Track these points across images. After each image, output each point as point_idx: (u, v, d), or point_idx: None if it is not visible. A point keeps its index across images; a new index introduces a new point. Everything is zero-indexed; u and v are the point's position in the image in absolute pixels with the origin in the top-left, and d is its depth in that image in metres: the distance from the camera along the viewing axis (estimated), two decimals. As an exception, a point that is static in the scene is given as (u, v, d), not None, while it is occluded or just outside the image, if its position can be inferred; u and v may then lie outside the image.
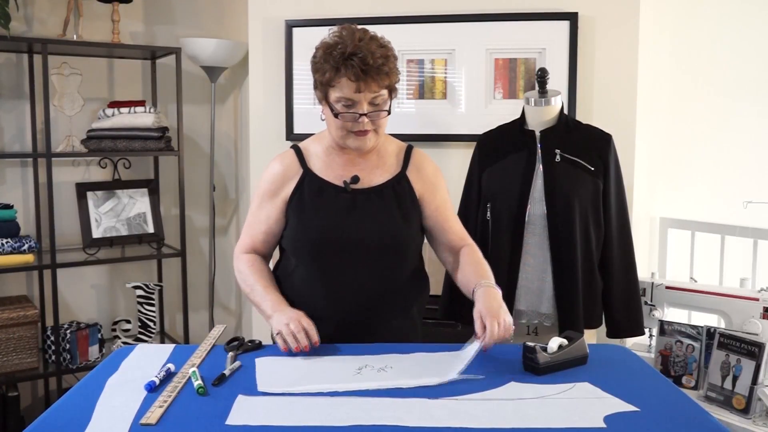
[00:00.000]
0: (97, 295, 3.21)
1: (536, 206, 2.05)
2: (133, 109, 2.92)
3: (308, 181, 1.72)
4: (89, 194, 3.02)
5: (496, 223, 2.09)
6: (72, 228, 3.04)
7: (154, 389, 1.32)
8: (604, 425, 1.18)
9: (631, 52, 2.54)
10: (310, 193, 1.70)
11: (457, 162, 2.47)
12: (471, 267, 1.68)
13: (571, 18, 2.53)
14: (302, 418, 1.19)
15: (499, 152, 2.13)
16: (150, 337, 3.08)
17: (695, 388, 2.15)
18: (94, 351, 2.94)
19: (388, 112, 1.66)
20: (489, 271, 1.67)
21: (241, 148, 3.45)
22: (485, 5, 2.61)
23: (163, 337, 3.25)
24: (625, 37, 2.54)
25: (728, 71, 3.04)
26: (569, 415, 1.22)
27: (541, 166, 2.05)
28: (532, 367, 1.44)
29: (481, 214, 2.13)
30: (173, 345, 1.62)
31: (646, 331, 2.37)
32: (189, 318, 3.17)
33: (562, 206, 2.02)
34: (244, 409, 1.23)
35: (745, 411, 1.95)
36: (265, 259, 1.78)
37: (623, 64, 2.55)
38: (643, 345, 2.43)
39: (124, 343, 3.02)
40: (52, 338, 2.86)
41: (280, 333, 1.53)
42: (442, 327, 2.37)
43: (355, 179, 1.70)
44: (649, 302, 2.33)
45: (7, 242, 2.69)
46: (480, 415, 1.21)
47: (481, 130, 2.25)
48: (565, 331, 1.56)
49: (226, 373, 1.40)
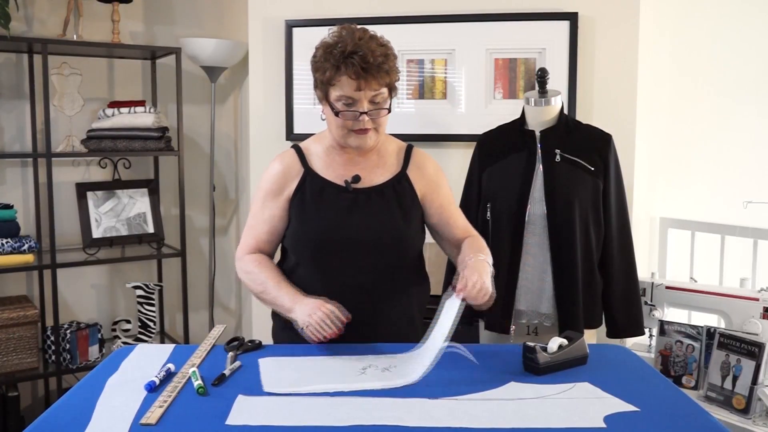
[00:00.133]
0: (97, 295, 3.21)
1: (536, 206, 2.04)
2: (133, 109, 2.92)
3: (310, 180, 1.72)
4: (89, 194, 3.02)
5: (496, 223, 2.09)
6: (72, 228, 3.04)
7: (154, 389, 1.32)
8: (604, 425, 1.18)
9: (631, 52, 2.54)
10: (311, 193, 1.70)
11: (457, 162, 2.47)
12: (471, 248, 1.67)
13: (571, 18, 2.53)
14: (302, 418, 1.19)
15: (499, 152, 2.13)
16: (150, 337, 3.08)
17: (695, 388, 2.16)
18: (94, 351, 2.94)
19: (389, 111, 1.66)
20: (488, 253, 1.67)
21: (241, 148, 3.45)
22: (485, 5, 2.61)
23: (163, 337, 3.25)
24: (625, 37, 2.54)
25: (728, 71, 3.04)
26: (569, 415, 1.22)
27: (541, 166, 2.05)
28: (532, 367, 1.44)
29: (481, 214, 2.12)
30: (173, 345, 1.62)
31: (646, 331, 2.37)
32: (189, 318, 3.17)
33: (562, 206, 2.02)
34: (244, 409, 1.23)
35: (745, 411, 1.95)
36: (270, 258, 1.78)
37: (623, 64, 2.55)
38: (643, 345, 2.43)
39: (124, 343, 3.02)
40: (52, 338, 2.86)
41: (307, 326, 1.53)
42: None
43: (356, 179, 1.70)
44: (649, 302, 2.33)
45: (7, 242, 2.69)
46: (480, 415, 1.21)
47: (481, 130, 2.25)
48: (565, 331, 1.56)
49: (226, 373, 1.40)
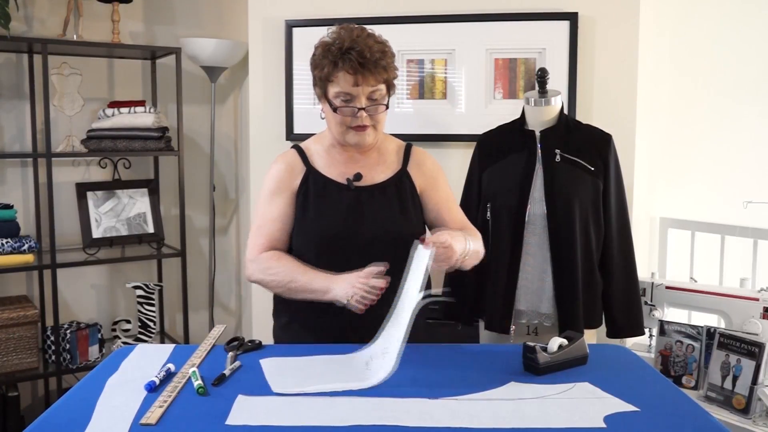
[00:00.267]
0: (97, 295, 3.21)
1: (536, 206, 2.04)
2: (133, 109, 2.92)
3: (312, 178, 1.73)
4: (89, 194, 3.02)
5: (496, 223, 2.09)
6: (72, 228, 3.04)
7: (154, 389, 1.32)
8: (604, 425, 1.18)
9: (631, 52, 2.54)
10: (314, 190, 1.71)
11: (457, 162, 2.47)
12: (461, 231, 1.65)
13: (571, 18, 2.53)
14: (302, 418, 1.19)
15: (499, 152, 2.13)
16: (150, 337, 3.08)
17: (695, 388, 2.15)
18: (94, 351, 2.94)
19: (386, 107, 1.68)
20: (476, 240, 1.67)
21: (241, 148, 3.45)
22: (485, 5, 2.61)
23: (163, 337, 3.25)
24: (625, 37, 2.54)
25: (728, 71, 3.04)
26: (569, 415, 1.22)
27: (541, 166, 2.05)
28: (532, 367, 1.44)
29: (481, 214, 2.12)
30: (173, 345, 1.62)
31: (646, 331, 2.37)
32: (189, 318, 3.17)
33: (562, 206, 2.02)
34: (244, 409, 1.23)
35: (745, 411, 1.95)
36: None
37: (623, 64, 2.55)
38: (643, 345, 2.43)
39: (124, 343, 3.02)
40: (52, 338, 2.86)
41: (352, 297, 1.51)
42: (442, 327, 2.37)
43: (358, 177, 1.71)
44: (649, 302, 2.33)
45: (7, 242, 2.69)
46: (480, 415, 1.21)
47: (481, 130, 2.25)
48: (565, 331, 1.56)
49: (226, 373, 1.40)
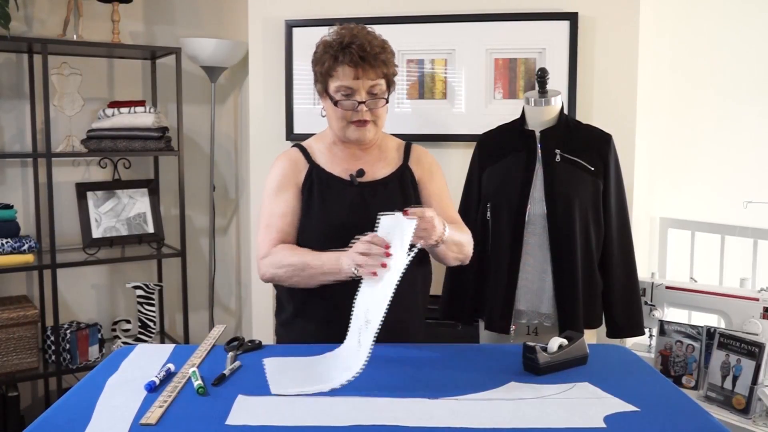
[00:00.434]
0: (97, 295, 3.21)
1: (536, 206, 2.04)
2: (133, 109, 2.92)
3: (316, 173, 1.74)
4: (89, 194, 3.02)
5: (496, 223, 2.09)
6: (72, 228, 3.04)
7: (154, 389, 1.32)
8: (604, 425, 1.18)
9: (631, 52, 2.54)
10: (318, 186, 1.72)
11: (457, 162, 2.47)
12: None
13: (571, 18, 2.53)
14: (302, 418, 1.19)
15: (499, 152, 2.13)
16: (150, 337, 3.07)
17: (695, 388, 2.15)
18: (94, 351, 2.94)
19: (386, 101, 1.70)
20: (464, 232, 1.69)
21: (241, 148, 3.45)
22: (485, 5, 2.61)
23: (163, 337, 3.25)
24: (625, 37, 2.54)
25: (728, 71, 3.04)
26: (569, 415, 1.22)
27: (541, 166, 2.05)
28: (532, 367, 1.44)
29: (481, 214, 2.12)
30: (173, 345, 1.62)
31: (646, 331, 2.37)
32: (189, 318, 3.16)
33: (562, 206, 2.02)
34: (244, 409, 1.23)
35: (745, 411, 1.95)
36: None
37: (623, 64, 2.55)
38: (643, 345, 2.43)
39: (124, 343, 3.02)
40: (52, 338, 2.86)
41: (361, 266, 1.48)
42: (442, 327, 2.37)
43: (361, 173, 1.72)
44: (649, 302, 2.33)
45: (7, 242, 2.69)
46: (480, 415, 1.21)
47: (481, 130, 2.25)
48: (565, 331, 1.56)
49: (226, 373, 1.40)
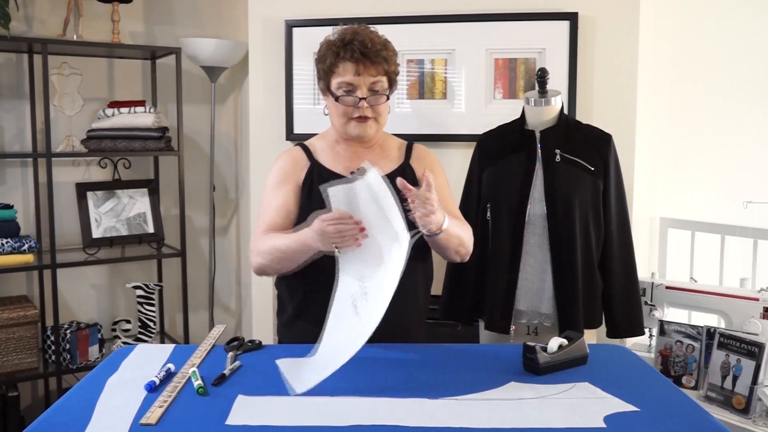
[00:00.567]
0: (97, 295, 3.21)
1: (536, 206, 2.04)
2: (133, 109, 2.92)
3: (317, 171, 1.75)
4: (89, 194, 3.02)
5: (496, 223, 2.09)
6: (72, 228, 3.04)
7: (154, 389, 1.32)
8: (604, 425, 1.18)
9: (631, 52, 2.54)
10: (319, 183, 1.72)
11: (457, 162, 2.47)
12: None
13: (571, 18, 2.53)
14: (302, 418, 1.19)
15: (499, 152, 2.13)
16: (150, 337, 3.08)
17: (695, 388, 2.15)
18: (94, 351, 2.94)
19: (387, 98, 1.71)
20: (465, 228, 1.70)
21: (241, 148, 3.45)
22: (485, 5, 2.61)
23: (163, 337, 3.25)
24: (625, 37, 2.54)
25: (728, 71, 3.04)
26: (569, 415, 1.22)
27: (541, 166, 2.05)
28: (532, 367, 1.44)
29: (481, 214, 2.12)
30: (173, 345, 1.62)
31: (646, 331, 2.37)
32: (189, 318, 3.16)
33: (562, 206, 2.02)
34: (244, 409, 1.23)
35: (745, 411, 1.95)
36: None
37: (623, 64, 2.55)
38: (643, 345, 2.43)
39: (124, 343, 3.02)
40: (52, 338, 2.86)
41: (335, 244, 1.48)
42: (442, 327, 2.37)
43: (362, 171, 1.72)
44: (649, 302, 2.33)
45: (7, 242, 2.69)
46: (480, 415, 1.21)
47: (481, 130, 2.25)
48: (565, 331, 1.57)
49: (226, 373, 1.40)
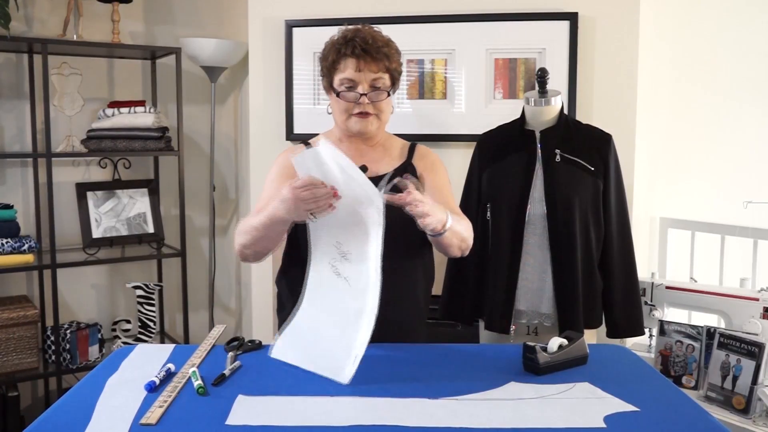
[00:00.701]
0: (97, 295, 3.21)
1: (536, 206, 2.04)
2: (133, 109, 2.92)
3: None
4: (89, 194, 3.02)
5: (496, 223, 2.09)
6: (72, 228, 3.04)
7: (154, 389, 1.32)
8: (604, 425, 1.18)
9: (631, 52, 2.54)
10: None
11: (457, 162, 2.47)
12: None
13: (571, 18, 2.53)
14: (302, 418, 1.19)
15: (499, 152, 2.13)
16: (150, 337, 3.08)
17: (695, 388, 2.15)
18: (94, 351, 2.94)
19: (388, 94, 1.71)
20: (465, 224, 1.67)
21: (241, 148, 3.45)
22: (485, 5, 2.61)
23: (163, 337, 3.25)
24: (625, 37, 2.54)
25: (728, 71, 3.04)
26: (569, 415, 1.22)
27: (541, 166, 2.05)
28: (532, 367, 1.44)
29: (481, 214, 2.12)
30: (173, 345, 1.62)
31: (646, 331, 2.37)
32: (189, 318, 3.17)
33: (562, 206, 2.02)
34: (244, 409, 1.23)
35: (745, 411, 1.95)
36: None
37: (623, 64, 2.55)
38: (643, 345, 2.43)
39: (124, 343, 3.02)
40: (52, 338, 2.86)
41: (310, 212, 1.44)
42: (442, 327, 2.37)
43: (364, 169, 1.73)
44: (649, 302, 2.33)
45: (7, 242, 2.69)
46: (480, 415, 1.21)
47: (481, 130, 2.25)
48: (565, 331, 1.56)
49: (226, 373, 1.40)
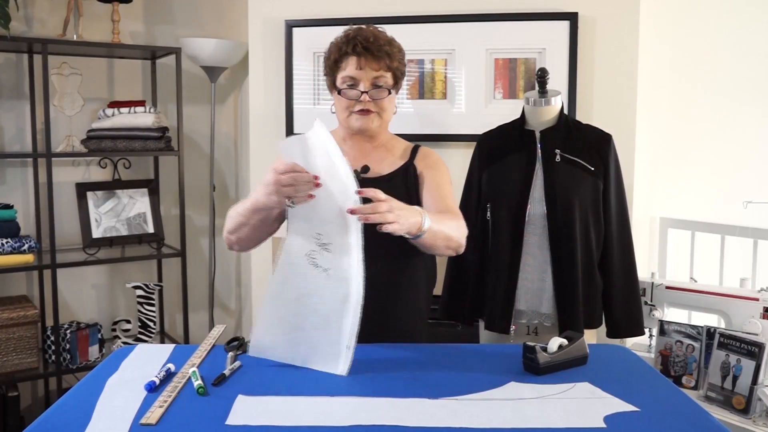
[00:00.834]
0: (97, 295, 3.21)
1: (536, 206, 2.04)
2: (133, 109, 2.93)
3: None
4: (89, 194, 3.02)
5: (496, 223, 2.09)
6: (72, 228, 3.04)
7: (154, 389, 1.31)
8: (604, 425, 1.18)
9: (631, 53, 2.54)
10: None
11: (457, 162, 2.47)
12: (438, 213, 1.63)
13: (571, 18, 2.53)
14: (302, 418, 1.19)
15: (499, 152, 2.13)
16: (150, 337, 3.08)
17: (695, 388, 2.16)
18: (94, 351, 2.94)
19: (389, 92, 1.71)
20: (458, 223, 1.65)
21: (241, 148, 3.45)
22: (485, 5, 2.61)
23: (163, 337, 3.25)
24: (625, 38, 2.54)
25: (728, 71, 3.04)
26: (569, 415, 1.22)
27: (541, 166, 2.05)
28: (532, 367, 1.44)
29: (481, 214, 2.12)
30: (173, 345, 1.62)
31: (646, 331, 2.37)
32: (189, 318, 3.17)
33: (562, 206, 2.02)
34: (244, 409, 1.23)
35: (745, 411, 1.95)
36: None
37: (623, 64, 2.55)
38: (643, 345, 2.43)
39: (124, 343, 3.02)
40: (52, 338, 2.86)
41: (290, 200, 1.43)
42: (442, 327, 2.37)
43: (366, 169, 1.73)
44: (649, 302, 2.33)
45: (7, 242, 2.69)
46: (480, 415, 1.21)
47: (481, 130, 2.24)
48: (565, 331, 1.56)
49: (226, 373, 1.40)
